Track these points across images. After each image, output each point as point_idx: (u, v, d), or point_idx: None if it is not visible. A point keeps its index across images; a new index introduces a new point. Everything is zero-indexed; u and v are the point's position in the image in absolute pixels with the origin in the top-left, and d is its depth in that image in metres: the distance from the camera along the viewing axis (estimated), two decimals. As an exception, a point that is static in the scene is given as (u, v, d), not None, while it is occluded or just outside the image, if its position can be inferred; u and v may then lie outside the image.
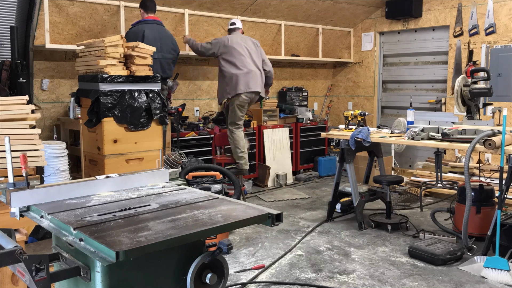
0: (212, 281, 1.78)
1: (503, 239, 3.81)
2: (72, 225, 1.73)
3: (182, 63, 6.64)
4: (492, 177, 5.38)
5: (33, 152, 2.87)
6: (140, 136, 4.44)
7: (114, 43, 4.26)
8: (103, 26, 5.51)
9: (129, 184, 2.38)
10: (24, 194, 2.03)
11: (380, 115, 8.18)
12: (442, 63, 7.25)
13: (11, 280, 2.70)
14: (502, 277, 3.58)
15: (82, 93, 4.47)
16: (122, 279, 1.68)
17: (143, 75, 4.42)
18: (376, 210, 5.51)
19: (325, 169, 7.67)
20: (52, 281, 1.67)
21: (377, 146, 5.38)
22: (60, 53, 5.48)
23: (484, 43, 6.55)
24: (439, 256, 3.93)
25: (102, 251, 1.52)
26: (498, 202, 3.75)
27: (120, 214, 1.89)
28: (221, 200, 2.14)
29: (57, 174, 4.08)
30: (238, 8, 6.45)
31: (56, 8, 5.04)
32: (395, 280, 3.66)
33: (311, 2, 6.92)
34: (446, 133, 4.26)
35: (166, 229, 1.69)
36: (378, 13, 7.86)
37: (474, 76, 4.91)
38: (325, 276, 3.77)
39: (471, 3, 6.66)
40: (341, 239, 4.63)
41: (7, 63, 4.69)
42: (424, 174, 6.42)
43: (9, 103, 2.95)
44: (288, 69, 8.06)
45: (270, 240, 4.62)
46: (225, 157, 6.06)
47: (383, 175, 5.32)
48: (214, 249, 1.81)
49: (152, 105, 4.45)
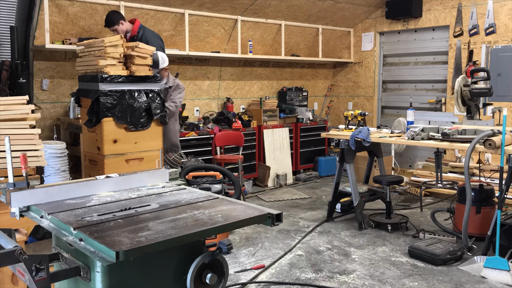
0: (212, 281, 1.78)
1: (503, 239, 3.80)
2: (72, 225, 1.73)
3: (182, 63, 6.64)
4: (492, 177, 5.38)
5: (33, 152, 2.87)
6: (140, 136, 4.44)
7: (114, 43, 4.26)
8: (103, 26, 5.50)
9: (129, 184, 2.38)
10: (24, 194, 2.03)
11: (380, 115, 8.18)
12: (442, 63, 7.25)
13: (11, 280, 2.70)
14: (502, 277, 3.58)
15: (82, 93, 4.47)
16: (122, 279, 1.68)
17: (143, 75, 4.41)
18: (376, 210, 5.51)
19: (325, 169, 7.67)
20: (52, 281, 1.67)
21: (377, 146, 5.38)
22: (60, 53, 5.48)
23: (484, 43, 6.55)
24: (439, 256, 3.93)
25: (102, 251, 1.52)
26: (498, 202, 3.75)
27: (120, 214, 1.89)
28: (221, 200, 2.14)
29: (57, 174, 4.08)
30: (238, 8, 6.45)
31: (56, 8, 5.04)
32: (395, 280, 3.66)
33: (311, 2, 6.92)
34: (446, 133, 4.26)
35: (166, 229, 1.69)
36: (378, 13, 7.86)
37: (474, 76, 4.90)
38: (325, 276, 3.77)
39: (471, 3, 6.66)
40: (341, 239, 4.63)
41: (7, 63, 4.69)
42: (424, 174, 6.42)
43: (9, 103, 2.95)
44: (288, 69, 8.06)
45: (270, 240, 4.62)
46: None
47: (383, 175, 5.32)
48: (214, 249, 1.81)
49: (152, 105, 4.44)
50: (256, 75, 7.61)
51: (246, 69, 7.44)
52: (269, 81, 7.84)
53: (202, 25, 6.37)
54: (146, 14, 5.72)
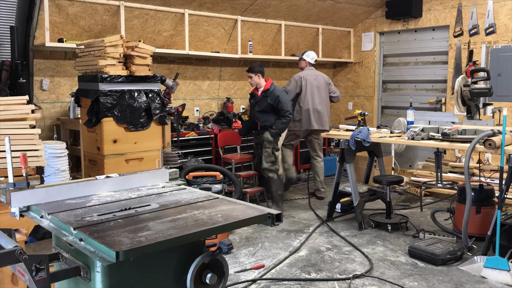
0: (212, 281, 1.78)
1: (503, 239, 3.80)
2: (72, 225, 1.73)
3: (182, 63, 6.64)
4: (492, 177, 5.38)
5: (33, 152, 2.87)
6: (140, 136, 4.44)
7: (114, 43, 4.26)
8: (103, 26, 5.51)
9: (129, 184, 2.38)
10: (24, 194, 2.03)
11: (380, 115, 8.18)
12: (442, 63, 7.25)
13: (11, 280, 2.70)
14: (502, 277, 3.58)
15: (81, 93, 4.47)
16: (122, 279, 1.68)
17: (142, 75, 4.41)
18: (376, 210, 5.51)
19: (325, 169, 7.64)
20: (52, 281, 1.67)
21: (377, 146, 5.38)
22: (60, 53, 5.47)
23: (484, 43, 6.55)
24: (440, 256, 3.93)
25: (102, 251, 1.52)
26: (498, 202, 3.75)
27: (120, 214, 1.89)
28: (221, 200, 2.14)
29: (57, 174, 4.07)
30: (238, 8, 6.45)
31: (56, 8, 5.04)
32: (395, 280, 3.66)
33: (311, 2, 6.92)
34: (446, 133, 4.26)
35: (166, 229, 1.69)
36: (378, 13, 7.86)
37: (474, 76, 4.90)
38: (325, 276, 3.77)
39: (471, 3, 6.66)
40: (341, 239, 4.63)
41: (7, 63, 4.69)
42: (424, 174, 6.42)
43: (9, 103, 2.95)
44: (288, 69, 8.06)
45: (270, 240, 4.62)
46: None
47: (383, 175, 5.32)
48: (214, 249, 1.81)
49: (152, 105, 4.44)
50: (256, 75, 7.60)
51: (246, 69, 7.43)
52: (269, 81, 7.83)
53: (202, 25, 6.37)
54: (146, 14, 5.72)
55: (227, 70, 7.20)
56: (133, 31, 5.75)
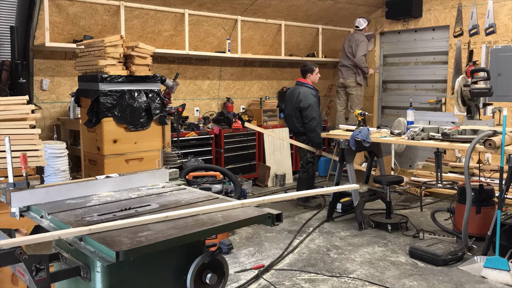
0: (212, 281, 1.78)
1: (503, 239, 3.80)
2: (72, 225, 1.73)
3: (182, 63, 6.64)
4: (492, 177, 5.38)
5: (33, 152, 2.87)
6: (140, 136, 4.44)
7: (114, 43, 4.26)
8: (103, 26, 5.51)
9: (129, 184, 2.38)
10: (24, 194, 2.03)
11: (380, 115, 8.18)
12: (442, 63, 7.24)
13: (11, 280, 2.69)
14: (502, 277, 3.58)
15: (81, 93, 4.47)
16: (122, 279, 1.68)
17: (142, 75, 4.41)
18: (376, 210, 5.50)
19: (325, 169, 7.66)
20: (52, 281, 1.67)
21: (377, 146, 5.38)
22: (60, 53, 5.47)
23: (484, 43, 6.55)
24: (441, 256, 3.93)
25: (102, 251, 1.52)
26: (498, 202, 3.75)
27: (120, 214, 1.89)
28: (221, 200, 2.14)
29: (57, 174, 4.07)
30: (238, 8, 6.45)
31: (56, 8, 5.04)
32: (395, 280, 3.66)
33: (311, 2, 6.92)
34: (446, 133, 4.26)
35: (166, 229, 1.69)
36: (378, 13, 7.86)
37: (474, 76, 4.90)
38: (325, 276, 3.77)
39: (471, 3, 6.66)
40: (341, 239, 4.63)
41: (7, 63, 4.69)
42: (424, 174, 6.42)
43: (9, 103, 2.95)
44: (288, 69, 8.06)
45: (270, 240, 4.62)
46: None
47: (383, 175, 5.32)
48: (214, 249, 1.81)
49: (152, 105, 4.44)
50: (256, 75, 7.61)
51: (246, 69, 7.43)
52: (269, 81, 7.84)
53: (202, 25, 6.37)
54: (146, 14, 5.72)
55: (227, 70, 7.20)
56: (133, 31, 5.75)
